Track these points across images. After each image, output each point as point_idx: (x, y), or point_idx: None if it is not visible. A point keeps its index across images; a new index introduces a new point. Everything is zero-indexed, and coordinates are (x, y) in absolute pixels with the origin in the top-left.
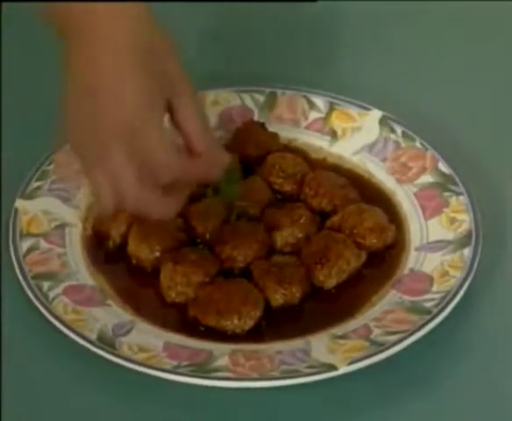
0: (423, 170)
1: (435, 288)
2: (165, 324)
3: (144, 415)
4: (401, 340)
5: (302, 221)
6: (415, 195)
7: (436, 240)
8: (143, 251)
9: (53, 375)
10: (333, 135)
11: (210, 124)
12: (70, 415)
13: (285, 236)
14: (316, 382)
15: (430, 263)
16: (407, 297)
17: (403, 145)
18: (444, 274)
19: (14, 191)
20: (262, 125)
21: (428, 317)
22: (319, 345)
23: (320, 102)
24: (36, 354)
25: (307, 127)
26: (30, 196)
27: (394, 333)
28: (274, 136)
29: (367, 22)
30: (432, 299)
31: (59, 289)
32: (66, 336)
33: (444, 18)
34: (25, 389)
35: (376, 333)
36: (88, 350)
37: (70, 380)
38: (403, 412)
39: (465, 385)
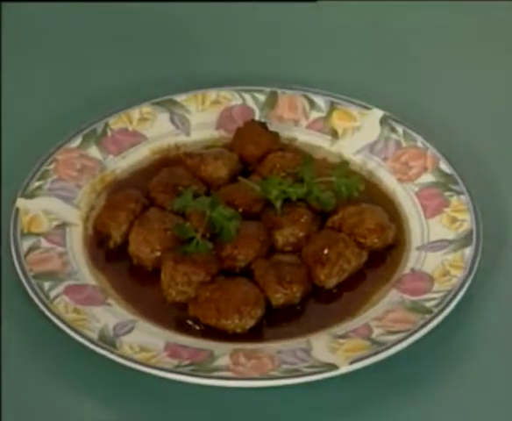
0: (423, 170)
1: (436, 287)
2: (166, 323)
3: (144, 414)
4: (401, 340)
5: (302, 220)
6: (416, 194)
7: (437, 240)
8: (144, 250)
9: (54, 375)
10: (334, 135)
11: (211, 123)
12: (70, 414)
13: (286, 235)
14: (316, 382)
15: (431, 263)
16: (408, 297)
17: (404, 144)
18: (445, 273)
19: (15, 191)
20: (263, 125)
21: (429, 316)
22: (320, 344)
23: (321, 101)
24: (36, 354)
25: (308, 127)
26: (31, 196)
27: (395, 333)
28: (275, 135)
29: (367, 22)
30: (433, 298)
31: (60, 289)
32: (67, 335)
33: (445, 18)
34: (25, 389)
35: (377, 333)
36: (89, 349)
37: (71, 379)
38: (403, 412)
39: (465, 385)
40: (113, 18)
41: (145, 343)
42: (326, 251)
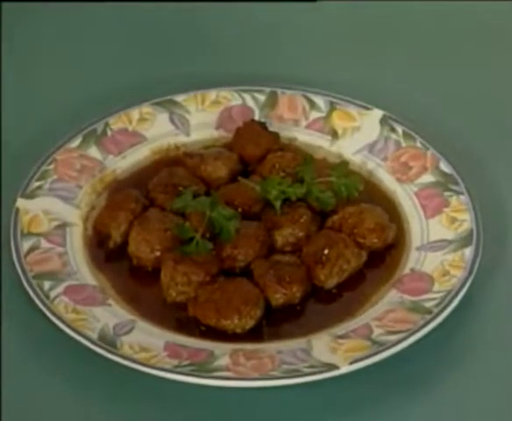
0: (423, 170)
1: (436, 287)
2: (165, 323)
3: (144, 414)
4: (401, 340)
5: (302, 220)
6: (415, 194)
7: (436, 240)
8: (143, 250)
9: (54, 375)
10: (334, 135)
11: (211, 123)
12: (70, 414)
13: (285, 235)
14: (316, 382)
15: (431, 263)
16: (407, 297)
17: (404, 144)
18: (445, 273)
19: (15, 191)
20: (263, 125)
21: (429, 316)
22: (320, 344)
23: (320, 101)
24: (36, 354)
25: (307, 127)
26: (31, 196)
27: (395, 333)
28: (275, 135)
29: (367, 22)
30: (433, 299)
31: (60, 289)
32: (67, 335)
33: (444, 18)
34: (25, 389)
35: (377, 333)
36: (89, 349)
37: (71, 379)
38: (404, 412)
39: (465, 385)
40: (113, 19)
41: (145, 343)
42: (326, 251)
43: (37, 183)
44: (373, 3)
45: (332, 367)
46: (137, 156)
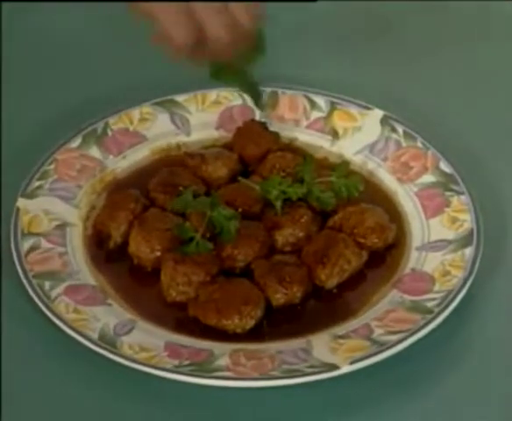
0: (424, 170)
1: (436, 287)
2: (166, 323)
3: (144, 414)
4: (402, 340)
5: (303, 220)
6: (416, 194)
7: (437, 240)
8: (143, 251)
9: (54, 375)
10: (334, 135)
11: (212, 123)
12: (71, 414)
13: (286, 235)
14: (316, 382)
15: (432, 263)
16: (408, 297)
17: (404, 144)
18: (446, 273)
19: (15, 191)
20: (263, 125)
21: (429, 316)
22: (320, 344)
23: (321, 101)
24: (37, 354)
25: (308, 127)
26: (31, 196)
27: (396, 333)
28: (275, 135)
29: (368, 22)
30: (433, 299)
31: (60, 289)
32: (67, 335)
33: (445, 18)
34: (26, 389)
35: (377, 333)
36: (90, 349)
37: (71, 379)
38: (403, 412)
39: (465, 385)
40: (113, 18)
41: (146, 343)
42: (326, 251)
43: (37, 183)
44: (373, 3)
45: (332, 367)
46: (137, 156)
